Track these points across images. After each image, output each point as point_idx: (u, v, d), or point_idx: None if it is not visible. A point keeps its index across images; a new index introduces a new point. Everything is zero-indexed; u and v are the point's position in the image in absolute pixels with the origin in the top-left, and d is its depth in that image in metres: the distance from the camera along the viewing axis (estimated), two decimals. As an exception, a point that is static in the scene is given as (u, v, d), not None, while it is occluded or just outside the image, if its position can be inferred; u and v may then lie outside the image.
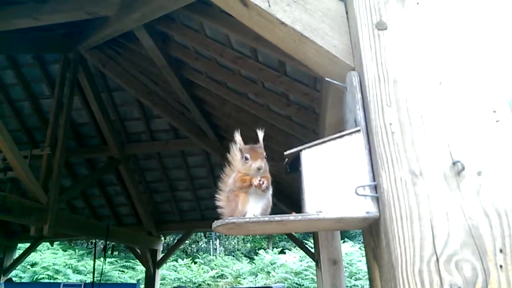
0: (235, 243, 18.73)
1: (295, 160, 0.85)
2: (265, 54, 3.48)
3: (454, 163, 0.73)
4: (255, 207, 0.96)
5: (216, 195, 1.05)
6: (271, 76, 3.66)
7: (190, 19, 3.67)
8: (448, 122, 0.77)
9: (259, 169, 0.93)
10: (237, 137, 1.00)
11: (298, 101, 3.82)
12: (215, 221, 0.76)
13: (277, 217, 0.74)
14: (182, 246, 14.38)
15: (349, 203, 0.76)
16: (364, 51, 0.84)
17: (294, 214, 0.76)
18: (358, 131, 0.80)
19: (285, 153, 0.83)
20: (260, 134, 0.97)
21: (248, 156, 0.96)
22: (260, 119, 4.44)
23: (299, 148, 0.82)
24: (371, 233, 0.83)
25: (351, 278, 11.60)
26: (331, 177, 0.78)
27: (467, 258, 0.67)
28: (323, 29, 0.94)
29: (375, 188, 0.76)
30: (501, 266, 0.66)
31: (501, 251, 0.67)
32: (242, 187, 0.95)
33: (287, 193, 5.57)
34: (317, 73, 1.02)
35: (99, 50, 4.66)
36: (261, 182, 0.92)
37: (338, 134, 0.81)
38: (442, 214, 0.70)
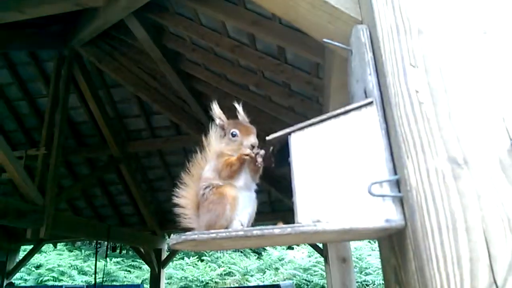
0: (243, 239, 18.56)
1: (284, 149, 0.63)
2: (264, 41, 3.26)
3: (515, 145, 0.49)
4: (243, 212, 0.75)
5: (178, 191, 0.82)
6: (271, 65, 3.47)
7: (184, 7, 3.47)
8: (501, 85, 0.53)
9: (253, 147, 0.73)
10: (216, 109, 0.79)
11: (300, 91, 3.62)
12: (172, 236, 0.55)
13: (257, 231, 0.52)
14: (190, 244, 14.23)
15: (360, 208, 0.53)
16: (376, -8, 0.60)
17: (281, 225, 0.53)
18: (370, 103, 0.56)
19: (268, 138, 0.60)
20: (239, 107, 0.77)
21: (236, 131, 0.75)
22: (262, 111, 4.24)
23: (287, 130, 0.59)
24: (392, 247, 0.60)
25: (361, 273, 11.34)
26: (333, 171, 0.55)
27: (545, 290, 0.44)
28: (318, -28, 0.71)
29: (398, 184, 0.53)
30: None
31: None
32: (232, 174, 0.73)
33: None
34: (313, 35, 0.79)
35: (95, 46, 4.50)
36: (257, 151, 0.72)
37: (342, 110, 0.57)
38: (501, 221, 0.47)
